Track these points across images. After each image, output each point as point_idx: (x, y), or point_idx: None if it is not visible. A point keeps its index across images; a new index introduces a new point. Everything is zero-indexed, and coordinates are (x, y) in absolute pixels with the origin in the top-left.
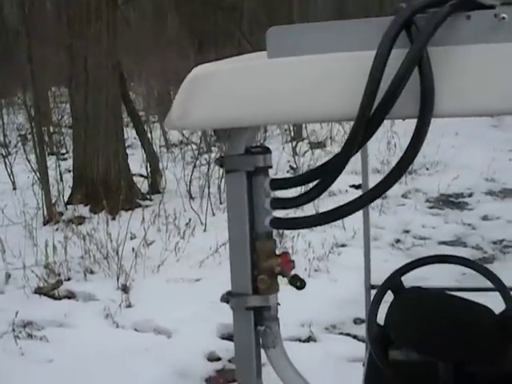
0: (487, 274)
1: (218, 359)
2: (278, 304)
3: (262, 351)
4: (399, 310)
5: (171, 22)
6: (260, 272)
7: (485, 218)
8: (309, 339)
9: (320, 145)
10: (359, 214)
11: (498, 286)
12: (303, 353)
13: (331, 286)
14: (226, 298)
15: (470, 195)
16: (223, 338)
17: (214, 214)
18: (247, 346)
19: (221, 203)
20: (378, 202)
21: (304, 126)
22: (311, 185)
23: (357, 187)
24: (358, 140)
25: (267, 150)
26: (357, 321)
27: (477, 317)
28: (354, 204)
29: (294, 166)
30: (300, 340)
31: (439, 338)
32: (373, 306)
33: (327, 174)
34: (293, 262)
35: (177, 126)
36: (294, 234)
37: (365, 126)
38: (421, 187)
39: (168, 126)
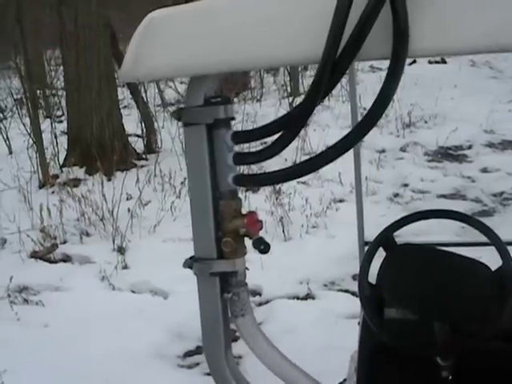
0: (482, 229)
1: None
2: (247, 269)
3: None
4: (392, 267)
5: None
6: (224, 234)
7: (484, 170)
8: (307, 297)
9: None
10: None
11: (494, 241)
12: (301, 310)
13: (329, 242)
14: (190, 263)
15: (469, 147)
16: None
17: None
18: (214, 315)
19: None
20: (375, 155)
21: (301, 81)
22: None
23: None
24: (323, 86)
25: (228, 100)
26: (355, 277)
27: (472, 274)
28: (324, 156)
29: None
30: (298, 298)
31: (433, 296)
32: (364, 264)
33: (291, 124)
34: (260, 222)
35: (129, 76)
36: (291, 191)
37: (330, 69)
38: (419, 140)
39: (122, 78)
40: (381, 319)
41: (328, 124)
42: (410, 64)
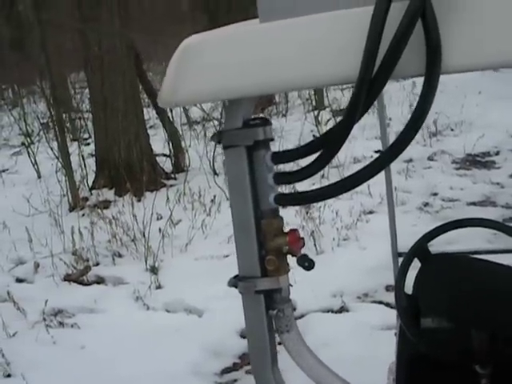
0: None
1: None
2: (290, 285)
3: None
4: (427, 277)
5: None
6: (268, 252)
7: None
8: (341, 309)
9: (342, 112)
10: (384, 179)
11: None
12: (336, 324)
13: (361, 253)
14: (234, 282)
15: (497, 153)
16: None
17: None
18: (260, 332)
19: None
20: (403, 165)
21: (326, 94)
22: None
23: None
24: (360, 105)
25: (267, 122)
26: (389, 288)
27: (509, 280)
28: (364, 172)
29: (318, 136)
30: (332, 311)
31: (470, 304)
32: (399, 276)
33: (330, 143)
34: (302, 239)
35: (168, 102)
36: (321, 204)
37: (367, 89)
38: (446, 148)
39: (161, 104)
40: (418, 329)
41: (354, 135)
42: None
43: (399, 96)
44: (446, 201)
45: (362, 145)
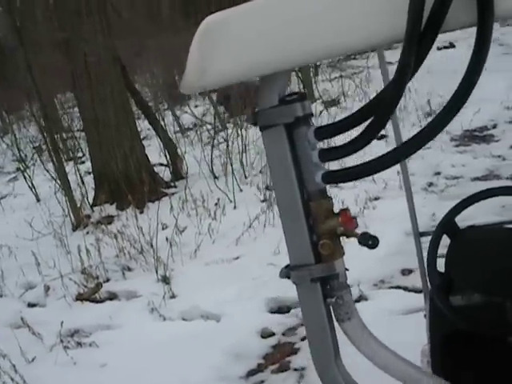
0: None
1: (272, 334)
2: (346, 269)
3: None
4: (458, 253)
5: (163, 5)
6: (320, 236)
7: None
8: (360, 298)
9: (334, 102)
10: None
11: None
12: None
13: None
14: (286, 272)
15: (495, 126)
16: (273, 312)
17: (241, 190)
18: (319, 323)
19: (245, 177)
20: None
21: (315, 86)
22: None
23: None
24: (411, 63)
25: (304, 96)
26: (405, 272)
27: None
28: (416, 140)
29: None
30: None
31: (503, 275)
32: (430, 254)
33: (381, 109)
34: (355, 218)
35: (196, 86)
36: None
37: (417, 44)
38: (448, 128)
39: (186, 90)
40: (453, 306)
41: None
42: None
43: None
44: (450, 179)
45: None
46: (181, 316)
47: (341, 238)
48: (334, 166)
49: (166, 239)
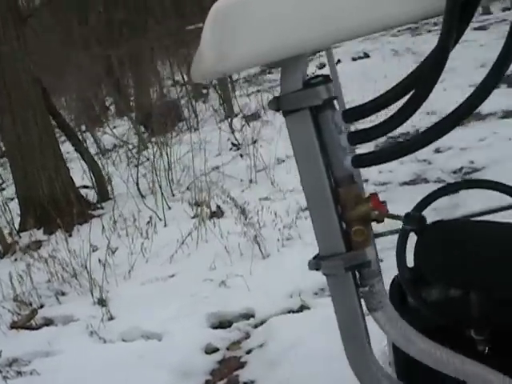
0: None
1: (216, 350)
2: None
3: None
4: (425, 248)
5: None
6: (350, 223)
7: (437, 150)
8: (302, 308)
9: (255, 116)
10: None
11: None
12: (300, 323)
13: (307, 250)
14: (315, 263)
15: (417, 131)
16: (214, 327)
17: (169, 208)
18: (353, 313)
19: (173, 195)
20: None
21: (235, 101)
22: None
23: None
24: (453, 30)
25: (328, 79)
26: None
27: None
28: (445, 122)
29: (236, 142)
30: (293, 311)
31: (469, 266)
32: (399, 251)
33: (423, 80)
34: (384, 203)
35: (217, 71)
36: (259, 208)
37: (459, 10)
38: None
39: (200, 78)
40: (424, 300)
41: (273, 137)
42: (336, 64)
43: None
44: (378, 185)
45: (282, 145)
46: (121, 337)
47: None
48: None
49: (99, 261)
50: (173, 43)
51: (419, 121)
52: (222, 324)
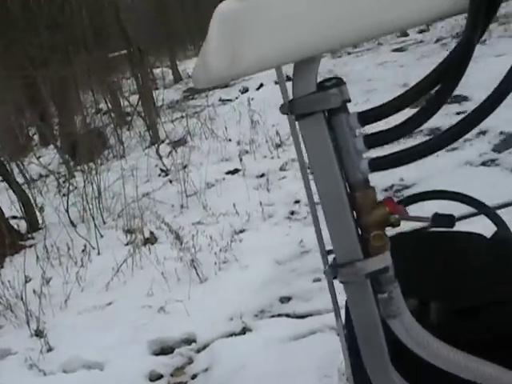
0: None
1: (160, 376)
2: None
3: None
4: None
5: None
6: (367, 229)
7: None
8: (244, 331)
9: (181, 142)
10: (246, 194)
11: (482, 208)
12: (243, 345)
13: (244, 272)
14: (332, 271)
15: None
16: (156, 354)
17: (102, 236)
18: (372, 322)
19: (104, 223)
20: (258, 181)
21: (160, 127)
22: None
23: None
24: (479, 22)
25: (341, 81)
26: (283, 300)
27: (467, 247)
28: (471, 118)
29: (164, 168)
30: (235, 334)
31: (429, 277)
32: None
33: (448, 75)
34: (401, 205)
35: (227, 76)
36: (194, 232)
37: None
38: (295, 156)
39: (208, 82)
40: None
41: (201, 162)
42: (258, 88)
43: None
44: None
45: (212, 169)
46: (62, 368)
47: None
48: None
49: (34, 292)
50: (96, 70)
51: None
52: (164, 350)
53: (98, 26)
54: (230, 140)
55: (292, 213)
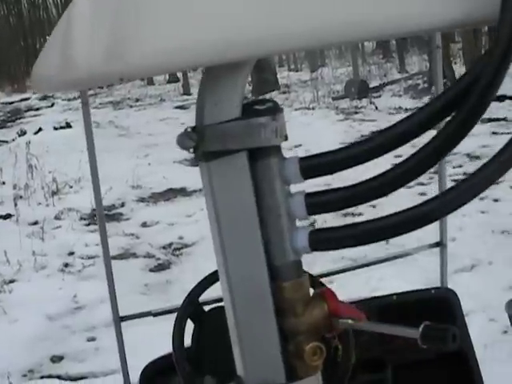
0: None
1: None
2: None
3: None
4: (205, 336)
5: None
6: (297, 338)
7: (144, 224)
8: None
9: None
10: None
11: None
12: None
13: (14, 327)
14: None
15: (123, 205)
16: None
17: None
18: None
19: None
20: (32, 228)
21: None
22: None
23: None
24: None
25: (277, 106)
26: (54, 359)
27: None
28: (458, 192)
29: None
30: None
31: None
32: (176, 340)
33: (469, 99)
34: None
35: (103, 73)
36: None
37: None
38: (71, 206)
39: (75, 83)
40: None
41: None
42: (36, 133)
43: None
44: (86, 258)
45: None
46: None
47: None
48: None
49: None
50: None
51: None
52: None
53: None
54: (3, 183)
55: (66, 265)
